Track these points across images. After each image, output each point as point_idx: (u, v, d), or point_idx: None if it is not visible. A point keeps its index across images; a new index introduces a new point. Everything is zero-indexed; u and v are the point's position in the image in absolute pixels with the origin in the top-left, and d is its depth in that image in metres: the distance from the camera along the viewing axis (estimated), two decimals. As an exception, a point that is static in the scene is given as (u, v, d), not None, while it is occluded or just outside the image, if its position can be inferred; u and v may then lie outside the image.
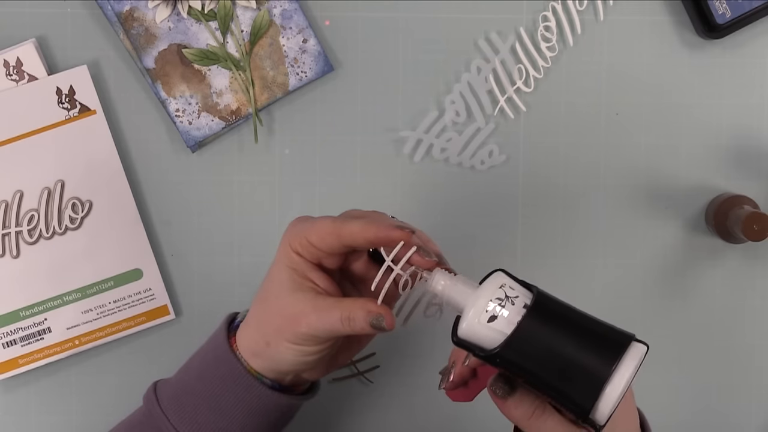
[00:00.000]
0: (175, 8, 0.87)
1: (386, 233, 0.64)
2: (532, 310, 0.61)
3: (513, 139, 0.89)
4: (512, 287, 0.63)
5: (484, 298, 0.62)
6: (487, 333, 0.61)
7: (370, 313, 0.64)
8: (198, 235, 0.89)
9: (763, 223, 0.81)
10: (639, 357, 0.61)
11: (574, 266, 0.90)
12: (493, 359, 0.61)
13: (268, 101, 0.88)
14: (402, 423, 0.90)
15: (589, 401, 0.60)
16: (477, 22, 0.89)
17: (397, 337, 0.89)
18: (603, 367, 0.60)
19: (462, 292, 0.63)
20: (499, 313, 0.61)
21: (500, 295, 0.62)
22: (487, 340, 0.61)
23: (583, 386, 0.60)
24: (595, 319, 0.62)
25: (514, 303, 0.62)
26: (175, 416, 0.70)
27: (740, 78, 0.90)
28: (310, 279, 0.67)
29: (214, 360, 0.71)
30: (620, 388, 0.60)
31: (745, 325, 0.91)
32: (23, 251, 0.86)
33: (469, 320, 0.62)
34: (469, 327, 0.62)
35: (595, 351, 0.60)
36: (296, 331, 0.66)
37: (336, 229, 0.65)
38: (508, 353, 0.60)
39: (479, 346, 0.62)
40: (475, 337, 0.62)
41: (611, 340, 0.61)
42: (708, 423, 0.91)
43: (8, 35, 0.87)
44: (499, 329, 0.61)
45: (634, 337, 0.62)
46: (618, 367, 0.60)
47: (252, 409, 0.70)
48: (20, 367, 0.87)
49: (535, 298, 0.62)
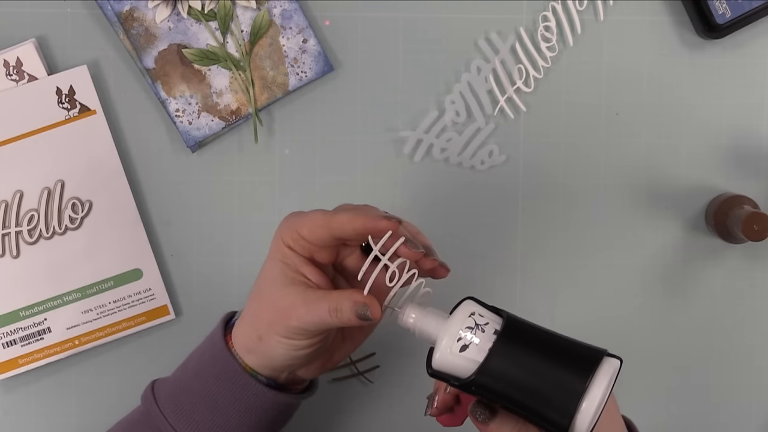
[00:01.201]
0: (175, 8, 0.87)
1: (373, 223, 0.65)
2: (502, 335, 0.62)
3: (513, 139, 0.90)
4: (482, 314, 0.64)
5: (455, 327, 0.63)
6: (459, 362, 0.63)
7: (357, 303, 0.65)
8: (198, 235, 0.89)
9: (763, 223, 0.81)
10: (612, 372, 0.62)
11: (574, 266, 0.90)
12: (468, 387, 0.63)
13: (268, 101, 0.88)
14: (402, 423, 0.90)
15: (566, 420, 0.60)
16: (477, 22, 0.89)
17: (397, 337, 0.89)
18: (576, 384, 0.61)
19: (433, 324, 0.65)
20: (470, 341, 0.63)
21: (470, 324, 0.63)
22: (460, 370, 0.63)
23: (558, 405, 0.61)
24: (567, 338, 0.63)
25: (484, 330, 0.63)
26: (172, 415, 0.71)
27: (740, 78, 0.90)
28: (302, 273, 0.68)
29: (211, 358, 0.71)
30: (595, 403, 0.60)
31: (745, 325, 0.91)
32: (23, 251, 0.86)
33: (442, 351, 0.63)
34: (442, 358, 0.63)
35: (568, 369, 0.61)
36: (287, 324, 0.67)
37: (326, 221, 0.66)
38: (481, 380, 0.62)
39: (454, 375, 0.63)
40: (449, 367, 0.63)
41: (583, 357, 0.62)
42: (708, 423, 0.91)
43: (8, 35, 0.87)
44: (471, 357, 0.62)
45: (606, 352, 0.62)
46: (591, 382, 0.61)
47: (249, 408, 0.70)
48: (20, 367, 0.87)
49: (505, 323, 0.63)
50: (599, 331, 0.90)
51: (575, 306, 0.90)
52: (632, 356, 0.90)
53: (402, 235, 0.66)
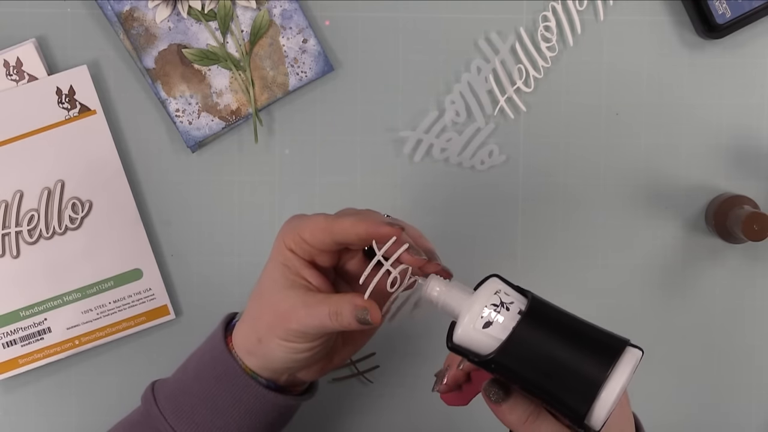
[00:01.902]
0: (175, 8, 0.87)
1: (376, 229, 0.65)
2: (527, 315, 0.61)
3: (513, 139, 0.89)
4: (507, 293, 0.63)
5: (479, 303, 0.62)
6: (482, 339, 0.62)
7: (357, 307, 0.64)
8: (198, 235, 0.89)
9: (763, 223, 0.81)
10: (634, 362, 0.61)
11: (574, 266, 0.90)
12: (488, 365, 0.62)
13: (268, 101, 0.88)
14: (402, 423, 0.90)
15: (584, 406, 0.60)
16: (477, 22, 0.89)
17: (397, 337, 0.89)
18: (598, 372, 0.60)
19: (457, 298, 0.64)
20: (494, 319, 0.62)
21: (495, 301, 0.62)
22: (482, 346, 0.62)
23: (577, 391, 0.60)
24: (591, 324, 0.63)
25: (509, 309, 0.62)
26: (172, 416, 0.70)
27: (740, 78, 0.90)
28: (302, 276, 0.68)
29: (211, 360, 0.71)
30: (615, 393, 0.60)
31: (745, 325, 0.91)
32: (23, 251, 0.86)
33: (464, 326, 0.62)
34: (464, 333, 0.62)
35: (590, 356, 0.60)
36: (287, 327, 0.66)
37: (328, 225, 0.66)
38: (502, 359, 0.61)
39: (474, 351, 0.62)
40: (470, 343, 0.62)
41: (606, 345, 0.61)
42: (708, 423, 0.91)
43: (8, 35, 0.87)
44: (493, 335, 0.61)
45: (629, 342, 0.62)
46: (613, 372, 0.60)
47: (249, 409, 0.70)
48: (20, 367, 0.87)
49: (530, 303, 0.62)
50: (599, 331, 0.90)
51: (575, 306, 0.90)
52: (632, 356, 0.90)
53: (405, 242, 0.65)
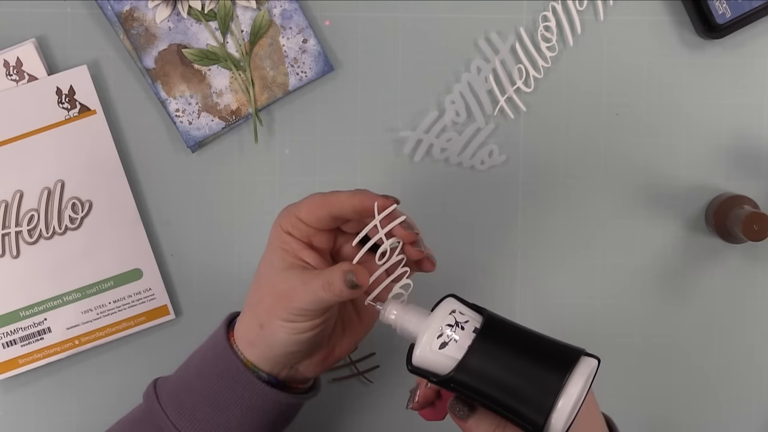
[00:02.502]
0: (175, 8, 0.87)
1: (371, 200, 0.66)
2: (481, 333, 0.63)
3: (513, 139, 0.90)
4: (462, 312, 0.64)
5: (435, 325, 0.64)
6: (439, 359, 0.63)
7: (345, 272, 0.65)
8: (198, 235, 0.89)
9: (763, 223, 0.81)
10: (589, 371, 0.62)
11: (574, 266, 0.90)
12: (446, 384, 0.63)
13: (268, 101, 0.88)
14: (402, 423, 0.90)
15: (542, 417, 0.61)
16: (477, 22, 0.89)
17: (397, 337, 0.89)
18: (553, 382, 0.61)
19: (414, 321, 0.65)
20: (450, 339, 0.63)
21: (450, 321, 0.64)
22: (439, 366, 0.63)
23: (534, 403, 0.61)
24: (546, 337, 0.64)
25: (464, 328, 0.63)
26: (174, 413, 0.71)
27: (740, 78, 0.90)
28: (300, 258, 0.69)
29: (213, 357, 0.72)
30: (572, 402, 0.61)
31: (745, 325, 0.91)
32: (23, 251, 0.86)
33: (422, 348, 0.64)
34: (422, 354, 0.64)
35: (545, 368, 0.62)
36: (287, 306, 0.67)
37: (323, 200, 0.67)
38: (459, 377, 0.62)
39: (433, 372, 0.64)
40: (429, 364, 0.64)
41: (560, 356, 0.62)
42: (708, 423, 0.91)
43: (8, 35, 0.87)
44: (450, 355, 0.63)
45: (584, 352, 0.63)
46: (568, 381, 0.61)
47: (251, 407, 0.70)
48: (20, 367, 0.87)
49: (484, 321, 0.63)
50: (599, 331, 0.90)
51: (575, 305, 0.90)
52: (632, 356, 0.90)
53: (400, 216, 0.67)
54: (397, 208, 0.67)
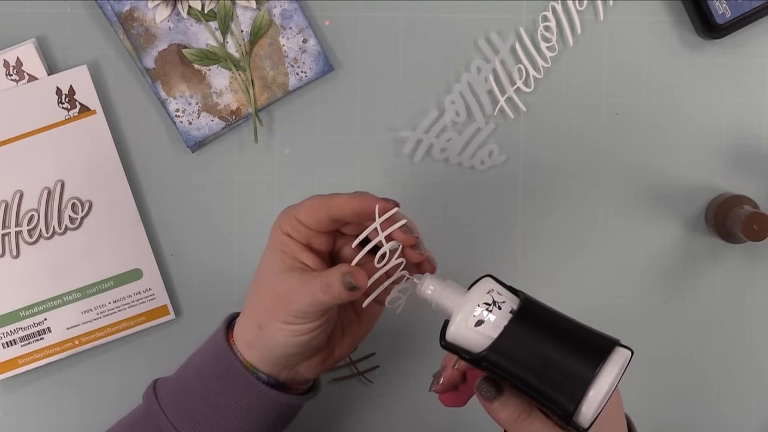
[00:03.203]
0: (175, 8, 0.87)
1: (371, 202, 0.66)
2: (518, 314, 0.63)
3: (513, 139, 0.90)
4: (500, 293, 0.64)
5: (472, 302, 0.64)
6: (473, 337, 0.63)
7: (343, 273, 0.65)
8: (198, 235, 0.89)
9: (763, 223, 0.81)
10: (623, 362, 0.62)
11: (574, 266, 0.90)
12: (479, 362, 0.63)
13: (268, 101, 0.88)
14: (402, 423, 0.90)
15: (572, 404, 0.61)
16: (477, 22, 0.89)
17: (397, 337, 0.89)
18: (586, 370, 0.61)
19: (450, 297, 0.65)
20: (486, 318, 0.63)
21: (487, 300, 0.64)
22: (473, 344, 0.63)
23: (566, 389, 0.61)
24: (581, 324, 0.64)
25: (501, 308, 0.63)
26: (174, 414, 0.71)
27: (740, 78, 0.90)
28: (300, 260, 0.68)
29: (213, 358, 0.71)
30: (603, 391, 0.61)
31: (745, 325, 0.91)
32: (23, 251, 0.86)
33: (457, 324, 0.64)
34: (457, 331, 0.64)
35: (579, 355, 0.62)
36: (286, 308, 0.67)
37: (323, 202, 0.67)
38: (493, 356, 0.62)
39: (466, 349, 0.64)
40: (463, 341, 0.64)
41: (595, 344, 0.62)
42: (708, 423, 0.91)
43: (8, 35, 0.87)
44: (485, 333, 0.63)
45: (619, 342, 0.63)
46: (601, 371, 0.61)
47: (251, 408, 0.70)
48: (20, 367, 0.87)
49: (522, 303, 0.64)
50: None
51: (575, 306, 0.90)
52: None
53: (401, 219, 0.66)
54: (398, 211, 0.67)
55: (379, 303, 0.68)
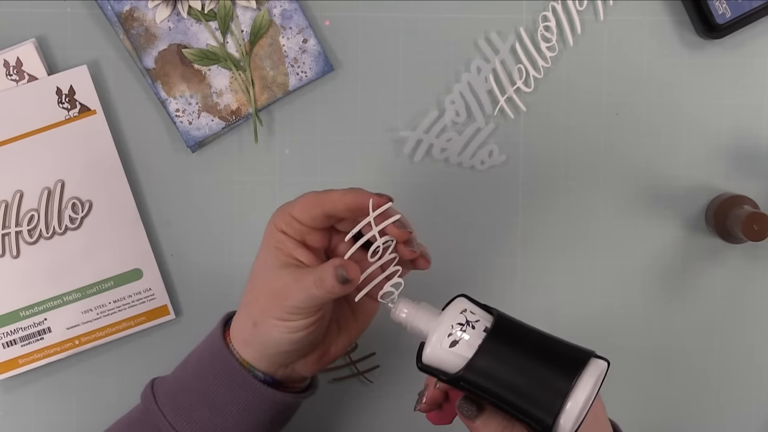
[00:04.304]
0: (175, 8, 0.87)
1: (365, 198, 0.66)
2: (492, 333, 0.63)
3: (513, 139, 0.90)
4: (473, 312, 0.65)
5: (446, 323, 0.64)
6: (449, 357, 0.64)
7: (336, 267, 0.65)
8: (198, 235, 0.89)
9: (763, 223, 0.81)
10: (599, 373, 0.62)
11: (574, 266, 0.90)
12: (456, 382, 0.63)
13: (268, 101, 0.88)
14: (402, 423, 0.90)
15: (550, 418, 0.61)
16: (477, 22, 0.89)
17: (397, 337, 0.89)
18: (562, 383, 0.61)
19: (424, 320, 0.66)
20: (461, 338, 0.64)
21: (461, 320, 0.64)
22: (450, 365, 0.64)
23: (543, 404, 0.61)
24: (556, 338, 0.64)
25: (474, 327, 0.64)
26: (171, 413, 0.71)
27: (740, 78, 0.90)
28: (294, 257, 0.69)
29: (210, 357, 0.72)
30: (581, 403, 0.61)
31: (745, 325, 0.91)
32: (23, 251, 0.86)
33: (432, 345, 0.64)
34: (432, 352, 0.64)
35: (555, 369, 0.62)
36: (281, 304, 0.67)
37: (317, 198, 0.67)
38: (469, 376, 0.63)
39: (443, 370, 0.64)
40: (439, 362, 0.64)
41: (570, 357, 0.63)
42: (708, 423, 0.91)
43: (8, 35, 0.87)
44: (460, 353, 0.63)
45: (594, 354, 0.63)
46: (577, 383, 0.61)
47: (247, 406, 0.70)
48: (20, 367, 0.87)
49: (495, 321, 0.64)
50: (599, 331, 0.90)
51: (575, 306, 0.90)
52: (632, 356, 0.90)
53: (394, 215, 0.67)
54: (392, 206, 0.67)
55: (372, 298, 0.68)
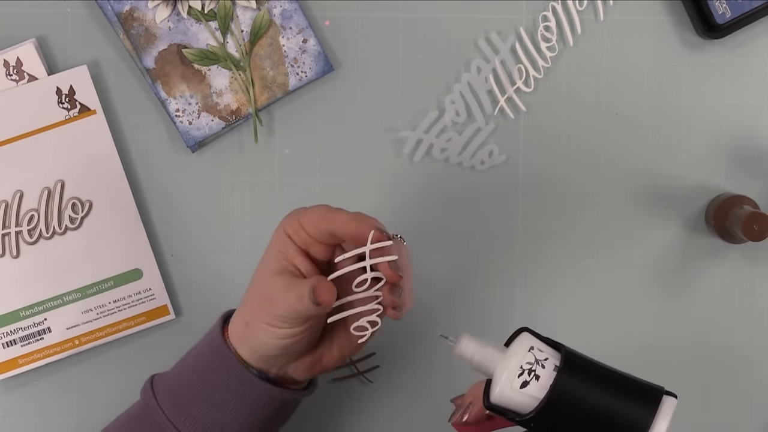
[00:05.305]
0: (175, 8, 0.87)
1: (368, 230, 0.65)
2: (563, 371, 0.62)
3: (513, 139, 0.89)
4: (540, 349, 0.63)
5: (515, 363, 0.63)
6: (520, 399, 0.62)
7: (312, 286, 0.65)
8: (198, 235, 0.89)
9: (763, 223, 0.81)
10: (671, 410, 0.62)
11: (574, 266, 0.90)
12: (527, 423, 0.62)
13: (268, 101, 0.88)
14: (402, 423, 0.90)
15: None
16: (477, 22, 0.89)
17: (396, 337, 0.89)
18: (640, 422, 0.60)
19: (490, 357, 0.64)
20: (531, 378, 0.62)
21: (530, 359, 0.62)
22: (521, 405, 0.62)
23: None
24: (624, 374, 0.63)
25: (544, 366, 0.62)
26: (170, 408, 0.71)
27: (740, 78, 0.90)
28: (293, 264, 0.69)
29: (209, 352, 0.72)
30: None
31: (745, 325, 0.91)
32: (23, 251, 0.86)
33: (502, 386, 0.62)
34: (502, 393, 0.62)
35: (631, 407, 0.61)
36: (270, 311, 0.67)
37: (328, 215, 0.67)
38: (543, 417, 0.61)
39: (512, 410, 0.63)
40: (508, 402, 0.63)
41: (644, 395, 0.62)
42: (708, 423, 0.91)
43: (8, 35, 0.87)
44: (532, 394, 0.62)
45: (665, 390, 0.62)
46: (655, 423, 0.61)
47: (245, 401, 0.71)
48: (20, 367, 0.87)
49: (564, 358, 0.62)
50: (599, 331, 0.90)
51: (575, 306, 0.90)
52: (632, 356, 0.90)
53: (393, 254, 0.66)
54: (392, 246, 0.66)
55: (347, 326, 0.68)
